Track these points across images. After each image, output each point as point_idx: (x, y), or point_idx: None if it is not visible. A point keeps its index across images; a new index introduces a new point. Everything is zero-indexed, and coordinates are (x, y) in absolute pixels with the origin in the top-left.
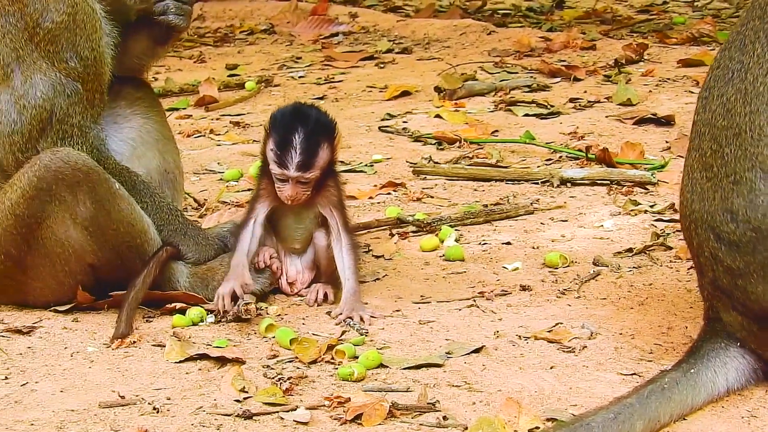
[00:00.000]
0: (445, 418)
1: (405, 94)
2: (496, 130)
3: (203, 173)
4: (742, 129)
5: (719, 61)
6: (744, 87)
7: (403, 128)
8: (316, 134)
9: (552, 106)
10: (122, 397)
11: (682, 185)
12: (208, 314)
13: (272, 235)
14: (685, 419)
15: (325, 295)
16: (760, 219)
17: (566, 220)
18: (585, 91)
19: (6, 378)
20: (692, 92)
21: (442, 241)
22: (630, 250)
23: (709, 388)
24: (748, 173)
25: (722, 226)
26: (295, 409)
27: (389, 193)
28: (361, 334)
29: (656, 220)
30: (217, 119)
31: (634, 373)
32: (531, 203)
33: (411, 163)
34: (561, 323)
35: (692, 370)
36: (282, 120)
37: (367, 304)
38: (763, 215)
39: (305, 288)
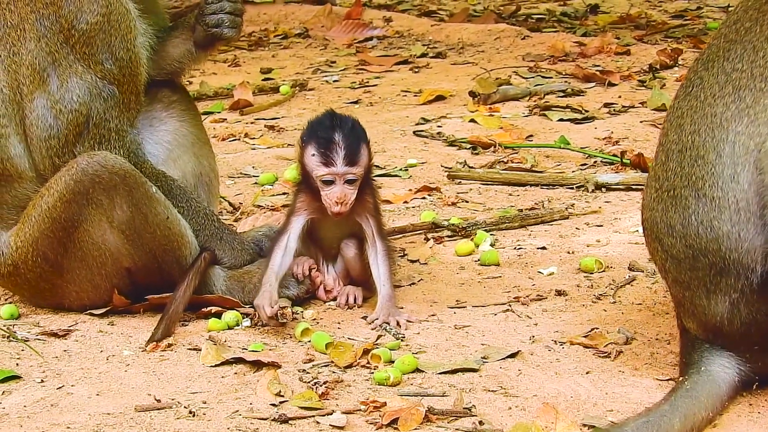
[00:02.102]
0: (481, 423)
1: (439, 98)
2: (531, 135)
3: (238, 177)
4: (685, 146)
5: (692, 69)
6: (696, 105)
7: (438, 133)
8: (356, 132)
9: (586, 111)
10: (158, 401)
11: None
12: (243, 318)
13: (311, 245)
14: (715, 426)
15: (355, 298)
16: (693, 237)
17: (601, 225)
18: (619, 96)
19: (42, 381)
20: None
21: (478, 246)
22: None
23: (724, 378)
24: (684, 190)
25: (664, 238)
26: (331, 414)
27: (424, 198)
28: (398, 339)
29: None
30: (252, 123)
31: (671, 379)
32: (566, 208)
33: (446, 167)
34: (597, 328)
35: (703, 369)
36: (320, 124)
37: (402, 308)
38: (696, 234)
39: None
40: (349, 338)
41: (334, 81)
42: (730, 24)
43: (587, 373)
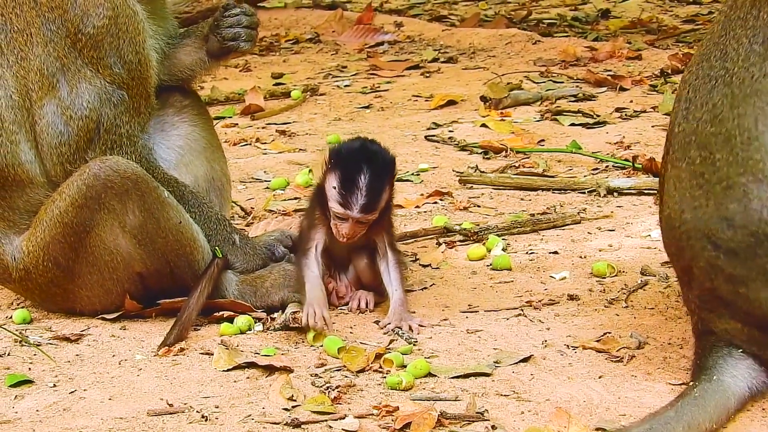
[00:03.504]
0: (493, 427)
1: (451, 103)
2: (542, 140)
3: (249, 182)
4: (731, 134)
5: (696, 73)
6: (731, 91)
7: (449, 137)
8: (381, 175)
9: (598, 115)
10: (170, 405)
11: (666, 198)
12: (255, 322)
13: (326, 254)
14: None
15: (367, 303)
16: (756, 223)
17: (613, 230)
18: (631, 101)
19: (54, 385)
20: None
21: (489, 251)
22: None
23: (735, 391)
24: (740, 178)
25: (719, 233)
26: (344, 418)
27: (436, 202)
28: (410, 343)
29: None
30: (263, 128)
31: (683, 383)
32: (578, 212)
33: (457, 172)
34: (609, 333)
35: (714, 378)
36: (348, 158)
37: (414, 313)
38: (759, 219)
39: None
40: (361, 343)
41: (345, 86)
42: (739, 17)
43: (600, 377)
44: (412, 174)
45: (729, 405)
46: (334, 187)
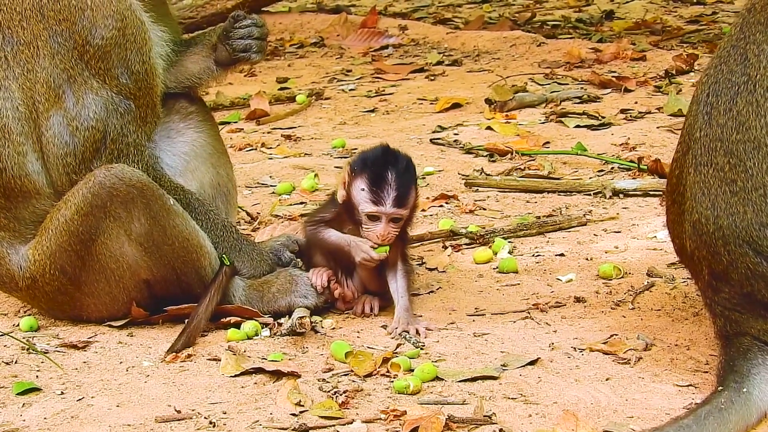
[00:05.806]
0: (501, 430)
1: (456, 106)
2: (548, 142)
3: (255, 187)
4: (761, 141)
5: (716, 77)
6: (755, 99)
7: (455, 140)
8: (406, 172)
9: (603, 117)
10: (178, 412)
11: (693, 204)
12: (262, 328)
13: (332, 257)
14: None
15: (372, 307)
16: None
17: (619, 231)
18: (636, 102)
19: (62, 393)
20: None
21: (496, 253)
22: None
23: (759, 406)
24: None
25: (760, 240)
26: (351, 423)
27: (441, 206)
28: (417, 347)
29: None
30: (269, 133)
31: (690, 385)
32: (584, 215)
33: (463, 175)
34: (616, 335)
35: (744, 390)
36: (374, 160)
37: (421, 317)
38: None
39: None
40: (368, 347)
41: (350, 90)
42: (759, 22)
43: (607, 379)
44: (418, 177)
45: (750, 421)
46: (363, 189)
